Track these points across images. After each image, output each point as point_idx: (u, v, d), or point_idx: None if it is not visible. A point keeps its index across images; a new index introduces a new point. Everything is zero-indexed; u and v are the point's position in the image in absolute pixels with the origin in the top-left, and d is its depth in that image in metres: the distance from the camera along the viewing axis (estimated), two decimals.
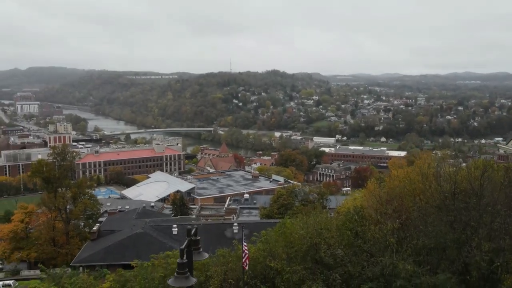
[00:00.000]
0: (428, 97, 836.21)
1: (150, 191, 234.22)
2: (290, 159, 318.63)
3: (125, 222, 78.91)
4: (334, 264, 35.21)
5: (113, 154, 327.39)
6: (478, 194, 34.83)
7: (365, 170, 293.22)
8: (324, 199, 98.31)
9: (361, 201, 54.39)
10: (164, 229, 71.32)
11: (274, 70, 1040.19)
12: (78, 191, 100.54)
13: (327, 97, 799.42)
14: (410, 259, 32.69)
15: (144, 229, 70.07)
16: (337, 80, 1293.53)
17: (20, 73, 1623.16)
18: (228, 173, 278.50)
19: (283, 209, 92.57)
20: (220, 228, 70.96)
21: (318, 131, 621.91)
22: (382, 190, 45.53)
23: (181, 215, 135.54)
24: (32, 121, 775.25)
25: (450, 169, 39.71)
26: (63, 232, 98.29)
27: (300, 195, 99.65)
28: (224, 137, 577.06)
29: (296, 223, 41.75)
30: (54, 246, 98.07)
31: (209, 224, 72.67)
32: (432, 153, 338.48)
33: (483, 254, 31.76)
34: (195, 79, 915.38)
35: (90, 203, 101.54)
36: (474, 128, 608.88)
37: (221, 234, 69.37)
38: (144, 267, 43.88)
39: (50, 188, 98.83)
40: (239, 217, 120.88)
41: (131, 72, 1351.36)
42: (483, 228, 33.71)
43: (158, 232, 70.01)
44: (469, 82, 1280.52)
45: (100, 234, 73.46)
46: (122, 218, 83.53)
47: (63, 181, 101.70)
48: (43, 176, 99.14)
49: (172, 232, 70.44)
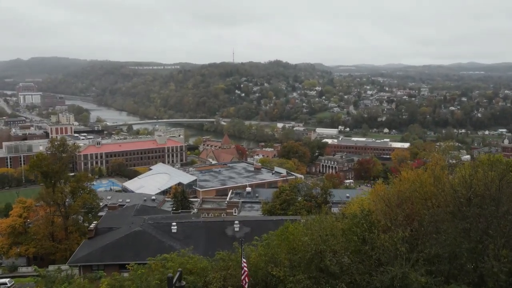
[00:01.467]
0: (431, 88, 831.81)
1: (152, 183, 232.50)
2: (292, 151, 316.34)
3: (124, 219, 76.42)
4: (340, 273, 33.05)
5: (115, 145, 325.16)
6: (496, 199, 32.47)
7: (368, 162, 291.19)
8: (327, 194, 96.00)
9: (368, 203, 51.99)
10: (163, 227, 68.79)
11: (277, 61, 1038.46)
12: (77, 186, 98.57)
13: (330, 88, 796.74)
14: (422, 269, 30.53)
15: (143, 227, 67.61)
16: (340, 70, 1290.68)
17: (22, 63, 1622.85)
18: (230, 165, 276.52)
19: (286, 204, 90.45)
20: (221, 226, 68.65)
21: (321, 122, 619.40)
22: (391, 192, 43.01)
23: (182, 209, 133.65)
24: (35, 111, 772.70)
25: (464, 171, 37.10)
26: (62, 227, 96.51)
27: (303, 190, 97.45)
28: (227, 128, 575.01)
29: (299, 228, 39.53)
30: (53, 241, 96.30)
31: (209, 222, 70.41)
32: (435, 145, 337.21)
33: (502, 265, 29.55)
34: (198, 70, 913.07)
35: (89, 198, 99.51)
36: (477, 119, 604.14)
37: (222, 232, 67.34)
38: (139, 275, 41.76)
39: (48, 183, 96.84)
40: (241, 211, 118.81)
41: (134, 62, 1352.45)
42: (501, 237, 31.39)
43: (157, 230, 67.56)
44: (473, 72, 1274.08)
45: (97, 231, 70.68)
46: (120, 214, 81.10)
47: (62, 175, 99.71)
48: (41, 170, 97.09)
49: (172, 230, 68.03)
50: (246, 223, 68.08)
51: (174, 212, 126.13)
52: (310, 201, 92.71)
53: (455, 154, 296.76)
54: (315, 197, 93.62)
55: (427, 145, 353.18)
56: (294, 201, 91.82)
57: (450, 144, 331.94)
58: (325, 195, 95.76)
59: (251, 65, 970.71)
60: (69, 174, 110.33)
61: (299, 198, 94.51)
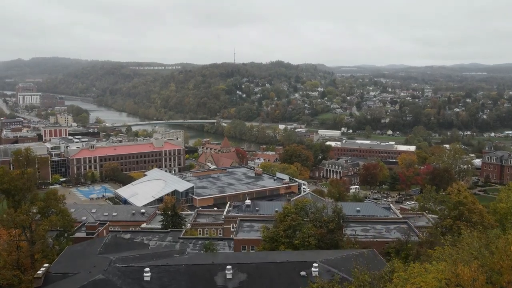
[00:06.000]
0: (435, 89, 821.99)
1: (146, 191, 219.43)
2: (295, 155, 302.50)
3: (85, 259, 59.69)
4: None
5: (110, 149, 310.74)
6: None
7: (374, 166, 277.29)
8: (341, 217, 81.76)
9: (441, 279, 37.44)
10: (134, 273, 52.08)
11: (279, 61, 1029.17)
12: (46, 205, 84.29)
13: (332, 89, 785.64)
14: None
15: (106, 273, 51.16)
16: (342, 71, 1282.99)
17: (23, 63, 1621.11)
18: (230, 170, 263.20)
19: (291, 231, 76.34)
20: (208, 272, 52.92)
21: (323, 124, 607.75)
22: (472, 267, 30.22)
23: (173, 226, 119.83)
24: (33, 112, 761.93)
25: None
26: (28, 254, 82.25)
27: (311, 211, 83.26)
28: (227, 129, 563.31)
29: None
30: (18, 269, 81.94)
31: (194, 266, 54.59)
32: (445, 149, 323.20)
33: None
34: (199, 70, 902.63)
35: (58, 220, 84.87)
36: (483, 121, 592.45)
37: (210, 281, 51.68)
38: None
39: (11, 202, 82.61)
40: (238, 232, 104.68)
41: (135, 63, 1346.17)
42: None
43: (124, 279, 50.85)
44: (475, 73, 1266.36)
45: (48, 279, 54.18)
46: (83, 252, 64.57)
47: (27, 193, 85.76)
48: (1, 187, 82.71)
49: (144, 278, 52.58)
50: (241, 268, 53.48)
51: (164, 231, 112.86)
52: (320, 226, 78.59)
53: (467, 159, 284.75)
54: (327, 222, 79.34)
55: (436, 149, 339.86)
56: (301, 227, 77.60)
57: (460, 148, 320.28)
58: (338, 219, 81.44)
59: (252, 66, 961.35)
60: (36, 192, 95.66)
61: (307, 222, 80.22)
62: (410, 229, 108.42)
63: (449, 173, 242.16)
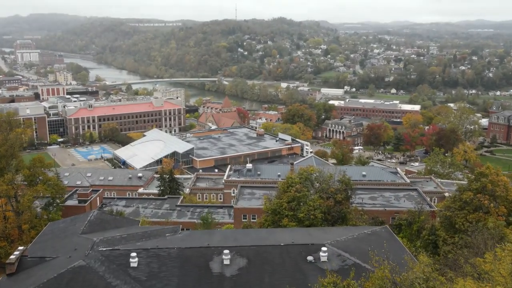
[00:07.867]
0: (440, 46, 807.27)
1: (145, 152, 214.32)
2: (297, 115, 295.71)
3: (66, 240, 52.41)
4: None
5: (108, 108, 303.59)
6: None
7: (379, 127, 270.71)
8: (349, 188, 75.79)
9: None
10: (119, 259, 45.02)
11: (281, 18, 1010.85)
12: (32, 173, 78.41)
13: (335, 46, 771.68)
14: None
15: (88, 258, 44.10)
16: (345, 28, 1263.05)
17: (21, 20, 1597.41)
18: (231, 131, 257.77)
19: (295, 203, 70.54)
20: (203, 257, 46.22)
21: (326, 82, 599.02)
22: None
23: (170, 193, 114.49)
24: (32, 70, 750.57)
25: None
26: (15, 225, 77.06)
27: (318, 181, 77.30)
28: (229, 88, 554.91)
29: None
30: (5, 241, 76.94)
31: (188, 250, 47.56)
32: (453, 109, 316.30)
33: None
34: (199, 27, 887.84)
35: (45, 189, 79.07)
36: (489, 79, 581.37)
37: (205, 267, 45.04)
38: None
39: None
40: (239, 200, 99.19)
41: (134, 19, 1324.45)
42: None
43: (108, 265, 43.71)
44: (481, 30, 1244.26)
45: (23, 264, 47.16)
46: (65, 230, 57.15)
47: (10, 160, 79.81)
48: None
49: (130, 264, 46.12)
50: (240, 252, 47.05)
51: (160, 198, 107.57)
52: (327, 198, 72.74)
53: (474, 119, 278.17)
54: (334, 193, 73.43)
55: (442, 109, 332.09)
56: (306, 199, 71.75)
57: (467, 108, 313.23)
58: (347, 190, 75.53)
59: (254, 22, 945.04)
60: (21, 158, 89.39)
61: (312, 194, 74.38)
62: (421, 198, 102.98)
63: (455, 134, 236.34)
